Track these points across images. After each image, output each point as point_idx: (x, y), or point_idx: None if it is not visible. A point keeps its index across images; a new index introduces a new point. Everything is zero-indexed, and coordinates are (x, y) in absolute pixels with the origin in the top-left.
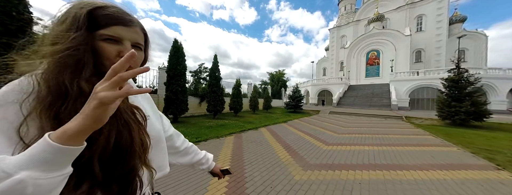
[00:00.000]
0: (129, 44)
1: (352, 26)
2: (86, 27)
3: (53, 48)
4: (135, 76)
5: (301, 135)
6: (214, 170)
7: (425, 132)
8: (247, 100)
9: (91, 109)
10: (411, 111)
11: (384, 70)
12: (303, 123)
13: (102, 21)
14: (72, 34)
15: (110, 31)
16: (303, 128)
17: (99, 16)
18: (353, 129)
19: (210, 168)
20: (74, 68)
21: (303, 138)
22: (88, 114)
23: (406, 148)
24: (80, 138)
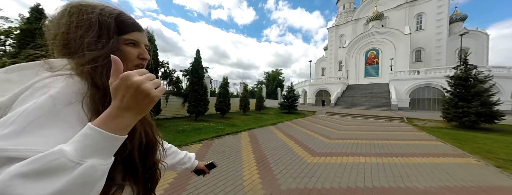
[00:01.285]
0: (144, 47)
1: (351, 25)
2: (117, 34)
3: (94, 54)
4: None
5: (286, 141)
6: (198, 166)
7: (431, 136)
8: (238, 100)
9: (145, 104)
10: (411, 111)
11: (384, 70)
12: (294, 126)
13: (125, 27)
14: (107, 41)
15: (132, 36)
16: (292, 131)
17: (121, 22)
18: (349, 132)
19: (193, 166)
20: (103, 68)
21: (286, 145)
22: (139, 108)
23: (413, 160)
24: (128, 129)
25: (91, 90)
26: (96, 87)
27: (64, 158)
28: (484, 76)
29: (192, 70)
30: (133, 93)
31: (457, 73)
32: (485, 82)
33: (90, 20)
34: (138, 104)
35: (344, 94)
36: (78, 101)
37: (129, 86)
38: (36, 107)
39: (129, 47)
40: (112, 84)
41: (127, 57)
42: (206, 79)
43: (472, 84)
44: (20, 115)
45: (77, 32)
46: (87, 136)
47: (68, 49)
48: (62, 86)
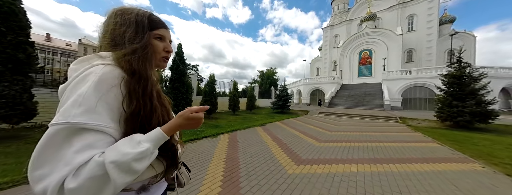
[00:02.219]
0: (168, 41)
1: (345, 25)
2: (149, 30)
3: (133, 46)
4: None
5: (270, 146)
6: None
7: (426, 137)
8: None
9: (193, 125)
10: (404, 110)
11: (377, 70)
12: (283, 126)
13: (154, 24)
14: (142, 36)
15: (159, 31)
16: (280, 133)
17: (152, 21)
18: (341, 133)
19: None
20: (150, 60)
21: (269, 150)
22: (188, 124)
23: (412, 168)
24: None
25: (129, 75)
26: (132, 73)
27: (150, 152)
28: (479, 74)
29: (173, 66)
30: (192, 126)
31: (451, 72)
32: (479, 81)
33: (130, 19)
34: (189, 125)
35: (338, 94)
36: (118, 84)
37: (194, 124)
38: (91, 91)
39: (157, 41)
40: (186, 115)
41: (156, 49)
42: (193, 77)
43: (466, 82)
44: (84, 98)
45: (121, 29)
46: (159, 139)
47: (113, 43)
48: (104, 72)
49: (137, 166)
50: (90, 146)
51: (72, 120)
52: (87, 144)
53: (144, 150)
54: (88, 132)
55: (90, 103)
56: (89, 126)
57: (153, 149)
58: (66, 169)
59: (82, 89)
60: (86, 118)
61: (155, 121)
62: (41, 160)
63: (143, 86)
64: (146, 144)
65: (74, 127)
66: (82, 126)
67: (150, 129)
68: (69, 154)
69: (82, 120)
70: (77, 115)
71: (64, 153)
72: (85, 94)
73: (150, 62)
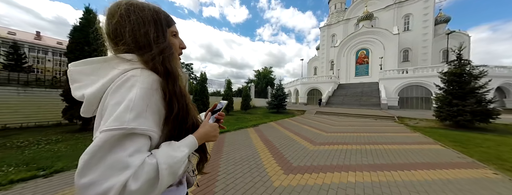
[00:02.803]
0: (180, 37)
1: (342, 24)
2: (167, 27)
3: (160, 47)
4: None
5: (259, 149)
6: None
7: (427, 138)
8: (220, 99)
9: (214, 133)
10: (400, 110)
11: (373, 69)
12: (277, 127)
13: (169, 22)
14: (164, 35)
15: (174, 28)
16: (272, 134)
17: (166, 18)
18: (338, 135)
19: None
20: (175, 59)
21: (257, 155)
22: (211, 132)
23: (418, 176)
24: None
25: (164, 78)
26: (167, 74)
27: (187, 157)
28: (479, 72)
29: None
30: (214, 133)
31: (451, 69)
32: (480, 79)
33: (147, 18)
34: (213, 134)
35: (335, 93)
36: (158, 87)
37: (215, 129)
38: (139, 97)
39: (173, 39)
40: (205, 121)
41: (174, 47)
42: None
43: (466, 80)
44: (134, 104)
45: (141, 30)
46: (193, 145)
47: (137, 45)
48: (145, 77)
49: (180, 169)
50: (140, 149)
51: (128, 126)
52: (138, 148)
53: (185, 154)
54: (138, 136)
55: (140, 108)
56: (139, 131)
57: (189, 153)
58: (128, 172)
59: (131, 95)
60: (138, 123)
61: (190, 121)
62: (93, 166)
63: (179, 87)
64: (185, 149)
65: (128, 132)
66: (134, 131)
67: (185, 129)
68: (125, 158)
69: (136, 125)
70: (131, 120)
71: (119, 157)
72: (135, 99)
73: (176, 60)
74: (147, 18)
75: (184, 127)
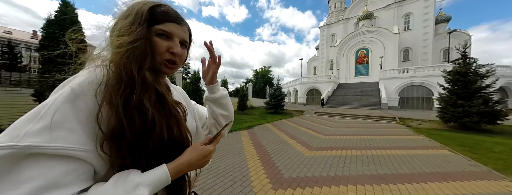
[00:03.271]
0: (178, 41)
1: (342, 24)
2: (147, 23)
3: (121, 39)
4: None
5: (248, 156)
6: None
7: (433, 142)
8: None
9: (202, 162)
10: (401, 110)
11: (373, 69)
12: (273, 129)
13: (160, 17)
14: (136, 27)
15: (165, 26)
16: (266, 138)
17: (158, 12)
18: (337, 138)
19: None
20: (139, 59)
21: (245, 163)
22: (197, 160)
23: (429, 190)
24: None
25: (108, 79)
26: (117, 76)
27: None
28: (486, 71)
29: None
30: (202, 161)
31: (456, 68)
32: (486, 78)
33: (132, 9)
34: (199, 164)
35: (335, 93)
36: (94, 92)
37: (205, 156)
38: (61, 101)
39: (159, 39)
40: (194, 146)
41: (155, 48)
42: (177, 74)
43: (472, 80)
44: (49, 108)
45: (118, 23)
46: (163, 183)
47: (112, 40)
48: (83, 77)
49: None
50: (52, 185)
51: (19, 143)
52: (46, 181)
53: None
54: (48, 159)
55: (58, 115)
56: (49, 150)
57: (151, 194)
58: None
59: (50, 98)
60: (45, 137)
61: (156, 141)
62: None
63: (126, 94)
64: (145, 189)
65: (22, 153)
66: (36, 151)
67: (149, 153)
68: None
69: (37, 142)
70: (31, 134)
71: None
72: (52, 104)
73: (138, 62)
74: (132, 9)
75: (144, 153)
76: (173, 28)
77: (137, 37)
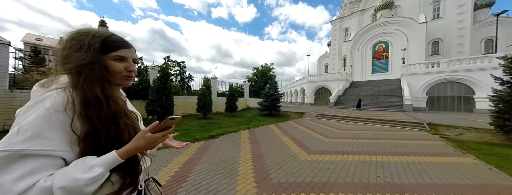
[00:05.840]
0: (131, 61)
1: (357, 16)
2: (99, 51)
3: (81, 69)
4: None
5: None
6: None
7: (496, 170)
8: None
9: (150, 146)
10: (430, 112)
11: (394, 65)
12: (242, 141)
13: (112, 46)
14: (92, 57)
15: (120, 52)
16: (213, 158)
17: (110, 42)
18: (331, 159)
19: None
20: (99, 81)
21: None
22: (146, 146)
23: None
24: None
25: (75, 99)
26: (84, 97)
27: (101, 175)
28: None
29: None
30: (149, 146)
31: None
32: None
33: (83, 42)
34: (146, 148)
35: (347, 92)
36: (64, 109)
37: (151, 142)
38: (39, 117)
39: (117, 62)
40: (141, 133)
41: (115, 69)
42: (152, 71)
43: None
44: (31, 124)
45: (73, 54)
46: (113, 163)
47: (68, 67)
48: (53, 98)
49: (88, 189)
50: (32, 171)
51: (13, 147)
52: (29, 170)
53: (95, 176)
54: (31, 158)
55: (38, 128)
56: (31, 151)
57: (105, 172)
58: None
59: (32, 116)
60: (30, 144)
61: (122, 142)
62: None
63: (98, 109)
64: (99, 168)
65: (15, 154)
66: (24, 153)
67: (110, 148)
68: (8, 183)
69: (24, 147)
70: (20, 142)
71: (2, 182)
72: (33, 121)
73: (101, 84)
74: (83, 42)
75: (116, 148)
76: (126, 52)
77: (92, 66)
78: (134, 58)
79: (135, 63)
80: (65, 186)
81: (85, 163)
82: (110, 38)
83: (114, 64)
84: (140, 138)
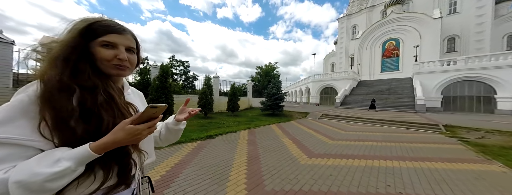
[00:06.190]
0: (123, 48)
1: (365, 13)
2: (81, 36)
3: (56, 54)
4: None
5: None
6: (177, 118)
7: None
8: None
9: (131, 142)
10: (445, 113)
11: (405, 63)
12: (239, 142)
13: (99, 30)
14: (71, 42)
15: (107, 38)
16: (208, 160)
17: (97, 27)
18: (335, 162)
19: (176, 121)
20: (70, 68)
21: None
22: (127, 139)
23: None
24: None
25: (53, 88)
26: (50, 86)
27: (71, 170)
28: None
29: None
30: (132, 139)
31: None
32: None
33: (67, 27)
34: (128, 141)
35: (354, 92)
36: (36, 97)
37: (133, 135)
38: (10, 105)
39: (104, 49)
40: (121, 125)
41: (101, 56)
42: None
43: None
44: (3, 110)
45: (58, 42)
46: (84, 157)
47: (48, 54)
48: (28, 88)
49: (51, 185)
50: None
51: None
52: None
53: (61, 170)
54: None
55: (7, 115)
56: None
57: (76, 167)
58: None
59: (3, 105)
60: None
61: (101, 133)
62: None
63: (64, 98)
64: (66, 162)
65: None
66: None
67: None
68: None
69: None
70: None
71: None
72: (3, 108)
73: (70, 70)
74: (67, 28)
75: (83, 140)
76: (115, 38)
77: (69, 50)
78: (129, 46)
79: (131, 52)
80: (21, 180)
81: (52, 155)
82: (99, 23)
83: (100, 50)
84: (119, 129)
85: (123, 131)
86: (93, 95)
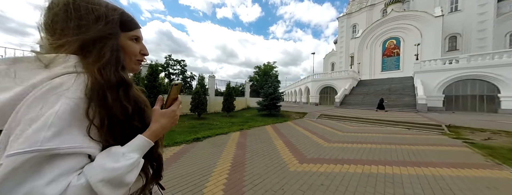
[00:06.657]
0: (143, 43)
1: (365, 12)
2: (122, 31)
3: (104, 50)
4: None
5: None
6: None
7: None
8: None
9: (173, 123)
10: (447, 113)
11: (406, 62)
12: (228, 145)
13: (132, 24)
14: (112, 31)
15: (136, 32)
16: (189, 168)
17: (127, 20)
18: (329, 168)
19: None
20: (122, 64)
21: None
22: (169, 123)
23: None
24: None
25: (105, 85)
26: (107, 82)
27: (138, 161)
28: None
29: None
30: (173, 122)
31: None
32: None
33: (98, 11)
34: (171, 124)
35: (354, 91)
36: (85, 98)
37: (173, 117)
38: (64, 110)
39: (132, 43)
40: (159, 112)
41: (131, 51)
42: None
43: None
44: (55, 118)
45: (91, 27)
46: (145, 147)
47: (80, 44)
48: (77, 85)
49: (129, 177)
50: (65, 172)
51: (42, 146)
52: (61, 171)
53: (133, 162)
54: (63, 157)
55: (63, 123)
56: (63, 150)
57: (140, 158)
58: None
59: (55, 108)
60: (59, 141)
61: (139, 128)
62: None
63: (124, 94)
64: (133, 154)
65: (45, 155)
66: (54, 152)
67: (134, 132)
68: (40, 187)
69: (53, 145)
70: (48, 139)
71: (32, 188)
72: (57, 113)
73: (122, 67)
74: (100, 13)
75: (131, 133)
76: (140, 33)
77: (117, 47)
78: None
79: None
80: (104, 178)
81: (113, 152)
82: (126, 15)
83: (131, 45)
84: (160, 116)
85: (163, 116)
86: (131, 93)
